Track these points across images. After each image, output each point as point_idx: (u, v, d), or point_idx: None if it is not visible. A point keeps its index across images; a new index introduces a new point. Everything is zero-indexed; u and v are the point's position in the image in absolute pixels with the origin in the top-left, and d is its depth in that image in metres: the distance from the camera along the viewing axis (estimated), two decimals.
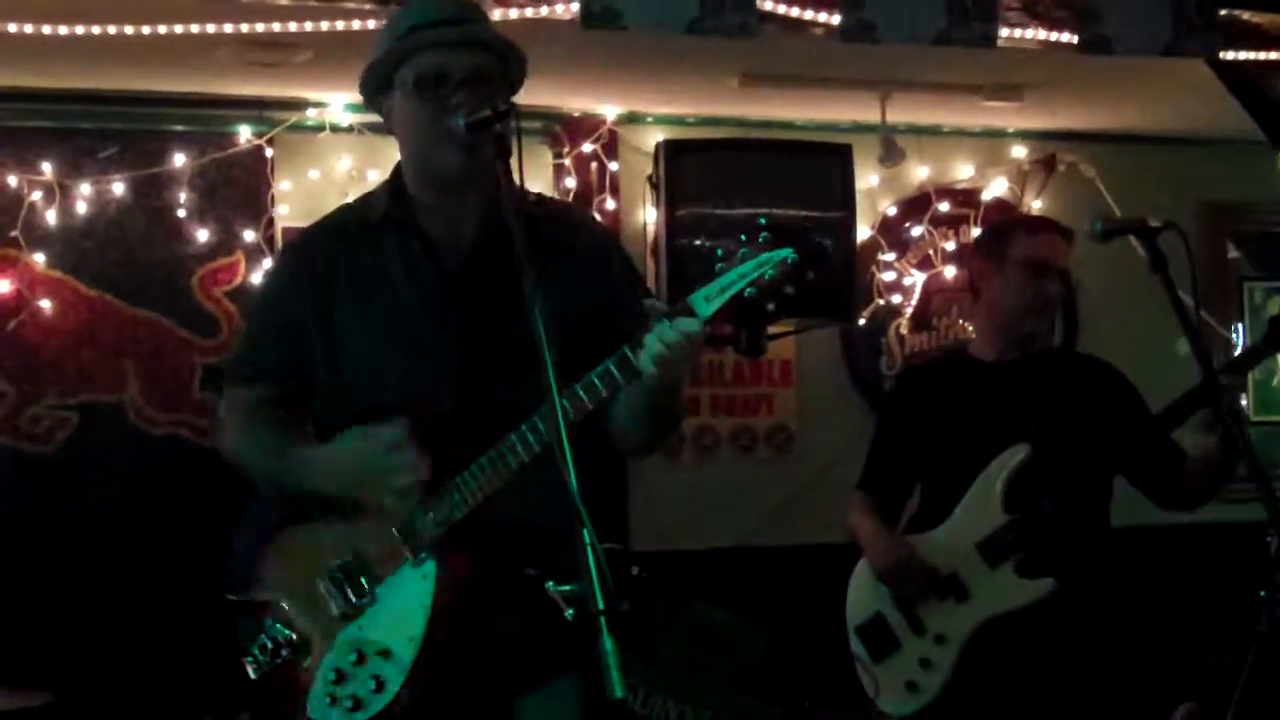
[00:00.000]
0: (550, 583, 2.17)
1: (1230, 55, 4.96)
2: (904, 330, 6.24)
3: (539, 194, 2.60)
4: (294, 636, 2.73)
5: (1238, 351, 3.63)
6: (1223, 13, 4.84)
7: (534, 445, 2.56)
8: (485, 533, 2.64)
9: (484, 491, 2.61)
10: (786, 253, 2.49)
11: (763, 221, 2.54)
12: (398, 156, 2.89)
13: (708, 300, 2.51)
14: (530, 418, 2.55)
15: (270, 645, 2.74)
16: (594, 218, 4.83)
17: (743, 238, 2.51)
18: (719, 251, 2.54)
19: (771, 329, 5.30)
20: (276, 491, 2.85)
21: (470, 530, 2.64)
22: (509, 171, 2.52)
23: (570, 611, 2.14)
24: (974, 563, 3.76)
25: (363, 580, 2.70)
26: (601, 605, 2.08)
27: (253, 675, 2.76)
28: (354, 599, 2.70)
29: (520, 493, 2.59)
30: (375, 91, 2.82)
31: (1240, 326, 6.58)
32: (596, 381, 2.51)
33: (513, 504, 2.60)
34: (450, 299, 2.76)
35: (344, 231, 2.87)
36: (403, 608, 2.66)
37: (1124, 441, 3.68)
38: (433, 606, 2.64)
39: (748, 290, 2.50)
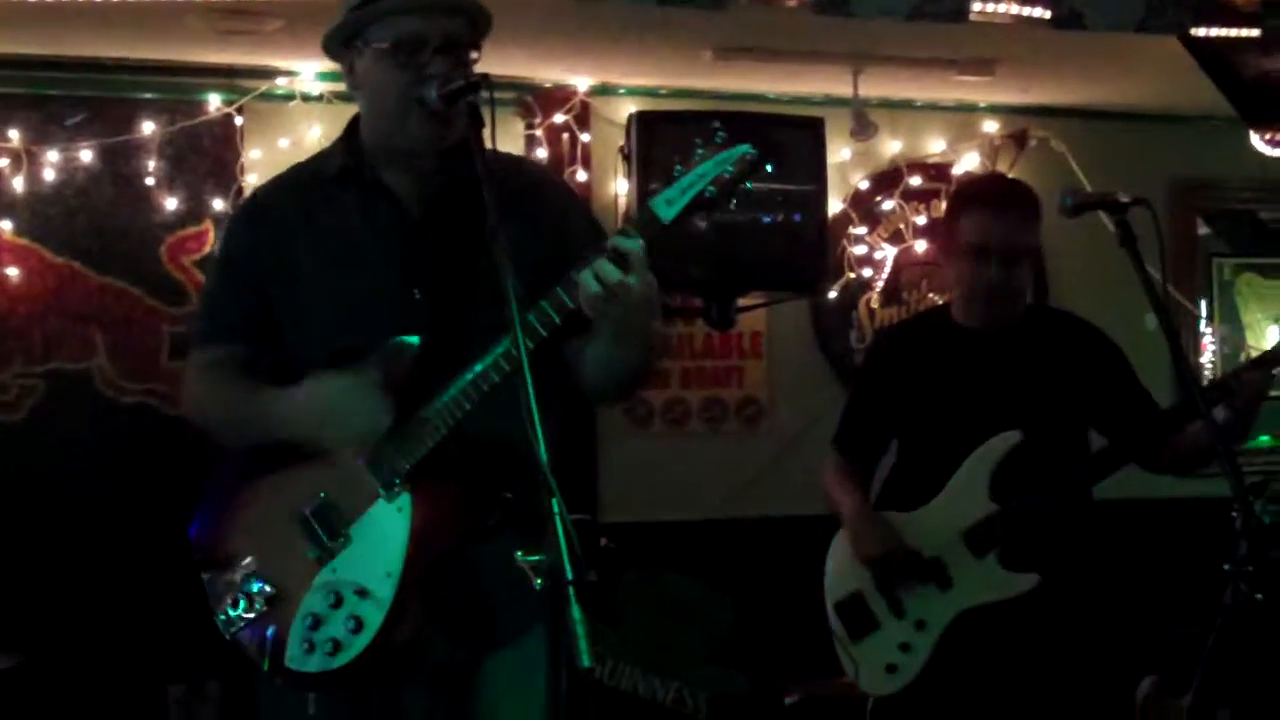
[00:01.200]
0: (519, 553, 2.17)
1: (1202, 32, 4.97)
2: (874, 304, 6.26)
3: (494, 150, 2.60)
4: (268, 588, 2.71)
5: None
6: None
7: (501, 370, 2.55)
8: (457, 458, 2.64)
9: (452, 419, 2.61)
10: (744, 149, 2.51)
11: (716, 124, 2.54)
12: None
13: (669, 204, 2.51)
14: (492, 348, 2.55)
15: (244, 600, 2.71)
16: (553, 172, 4.81)
17: (698, 141, 2.51)
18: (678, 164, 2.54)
19: (742, 301, 5.38)
20: (241, 444, 2.83)
21: (442, 459, 2.64)
22: (481, 141, 2.52)
23: (539, 581, 2.14)
24: (958, 550, 3.74)
25: (335, 521, 2.69)
26: (570, 575, 2.09)
27: (227, 635, 2.73)
28: (327, 541, 2.69)
29: (489, 414, 2.58)
30: (342, 44, 2.78)
31: (1205, 302, 6.63)
32: (546, 306, 2.52)
33: (482, 425, 2.60)
34: (413, 245, 2.75)
35: (300, 187, 2.86)
36: (379, 544, 2.65)
37: (1141, 425, 3.67)
38: (409, 539, 2.63)
39: (708, 190, 2.50)
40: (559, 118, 5.65)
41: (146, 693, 5.19)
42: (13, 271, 5.24)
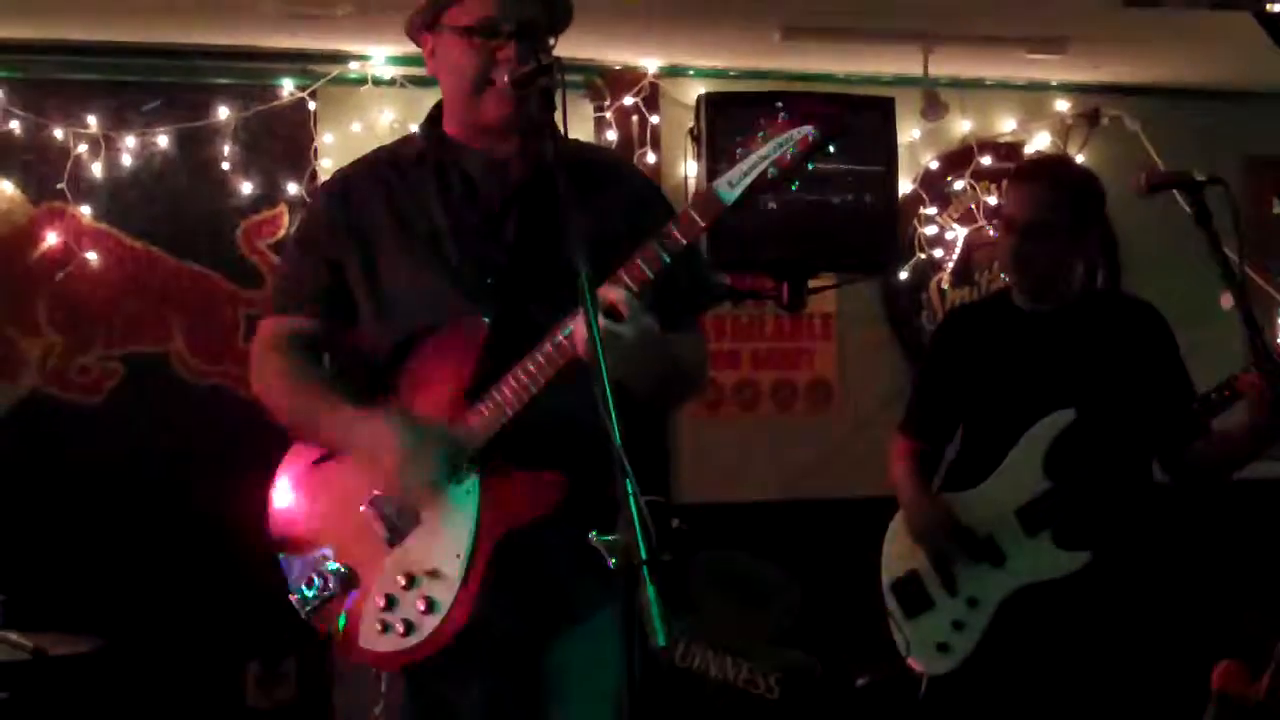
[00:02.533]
0: (594, 533, 2.18)
1: (1278, 8, 4.91)
2: (945, 285, 6.23)
3: (579, 140, 2.61)
4: (342, 569, 2.75)
5: None
6: None
7: (562, 355, 2.58)
8: (526, 438, 2.66)
9: (520, 402, 2.64)
10: (807, 130, 2.50)
11: (779, 104, 2.54)
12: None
13: (731, 186, 2.52)
14: (554, 329, 2.58)
15: (318, 580, 2.75)
16: (633, 164, 4.82)
17: (761, 121, 2.52)
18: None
19: (812, 283, 5.38)
20: (299, 434, 2.88)
21: (510, 441, 2.66)
22: (554, 124, 2.55)
23: (613, 561, 2.16)
24: (1012, 528, 3.75)
25: (405, 503, 2.72)
26: (644, 555, 2.10)
27: (302, 614, 2.77)
28: (398, 523, 2.73)
29: (556, 396, 2.61)
30: (422, 28, 2.82)
31: None
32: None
33: (550, 407, 2.63)
34: (489, 234, 2.78)
35: (381, 170, 2.89)
36: (448, 526, 2.68)
37: (1168, 417, 3.64)
38: (478, 521, 2.66)
39: (770, 171, 2.51)
40: (628, 100, 5.66)
41: (225, 671, 5.27)
42: (92, 256, 5.32)
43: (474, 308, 2.72)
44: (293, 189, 5.47)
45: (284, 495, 2.88)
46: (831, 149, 2.52)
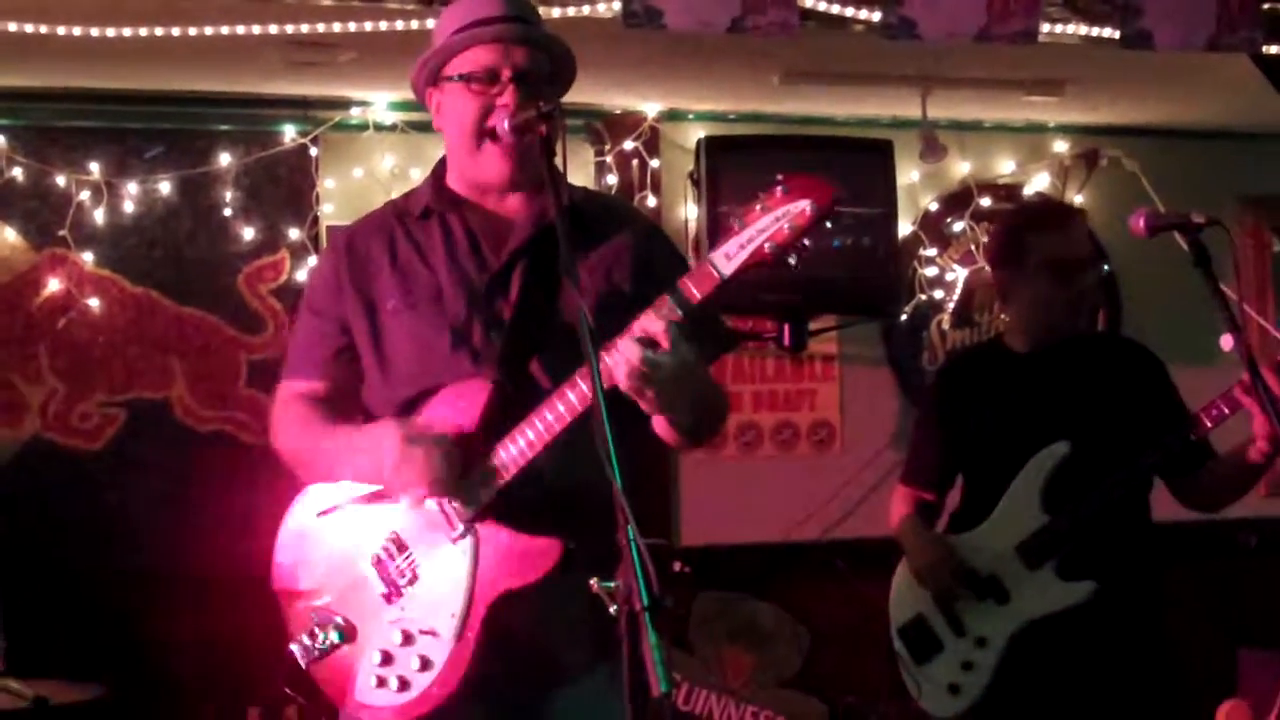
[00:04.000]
0: (595, 579, 2.18)
1: (1274, 50, 4.93)
2: (946, 326, 6.24)
3: (584, 188, 2.62)
4: (341, 622, 2.76)
5: None
6: (1266, 6, 4.81)
7: (567, 414, 2.59)
8: (524, 502, 2.67)
9: (520, 464, 2.65)
10: (804, 205, 2.50)
11: (779, 177, 2.55)
12: (441, 154, 2.92)
13: (728, 259, 2.53)
14: (561, 388, 2.59)
15: (318, 632, 2.77)
16: (639, 210, 4.84)
17: (759, 194, 2.53)
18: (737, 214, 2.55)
19: (813, 325, 5.38)
20: (317, 479, 2.89)
21: (508, 501, 2.67)
22: (555, 171, 2.56)
23: (614, 607, 2.16)
24: (1013, 565, 3.76)
25: (404, 560, 2.73)
26: (646, 601, 2.10)
27: (303, 663, 2.78)
28: (396, 580, 2.73)
29: (557, 462, 2.63)
30: (426, 84, 2.85)
31: None
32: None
33: (550, 471, 2.64)
34: (493, 291, 2.79)
35: (386, 225, 2.91)
36: (444, 585, 2.69)
37: (1161, 443, 3.65)
38: (473, 582, 2.67)
39: (767, 245, 2.52)
40: (628, 144, 5.67)
41: (226, 718, 5.24)
42: (94, 302, 5.33)
43: (477, 367, 2.74)
44: (294, 234, 5.49)
45: (287, 546, 2.89)
46: (829, 224, 2.53)
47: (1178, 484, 3.81)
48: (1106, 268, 5.95)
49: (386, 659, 2.71)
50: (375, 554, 2.75)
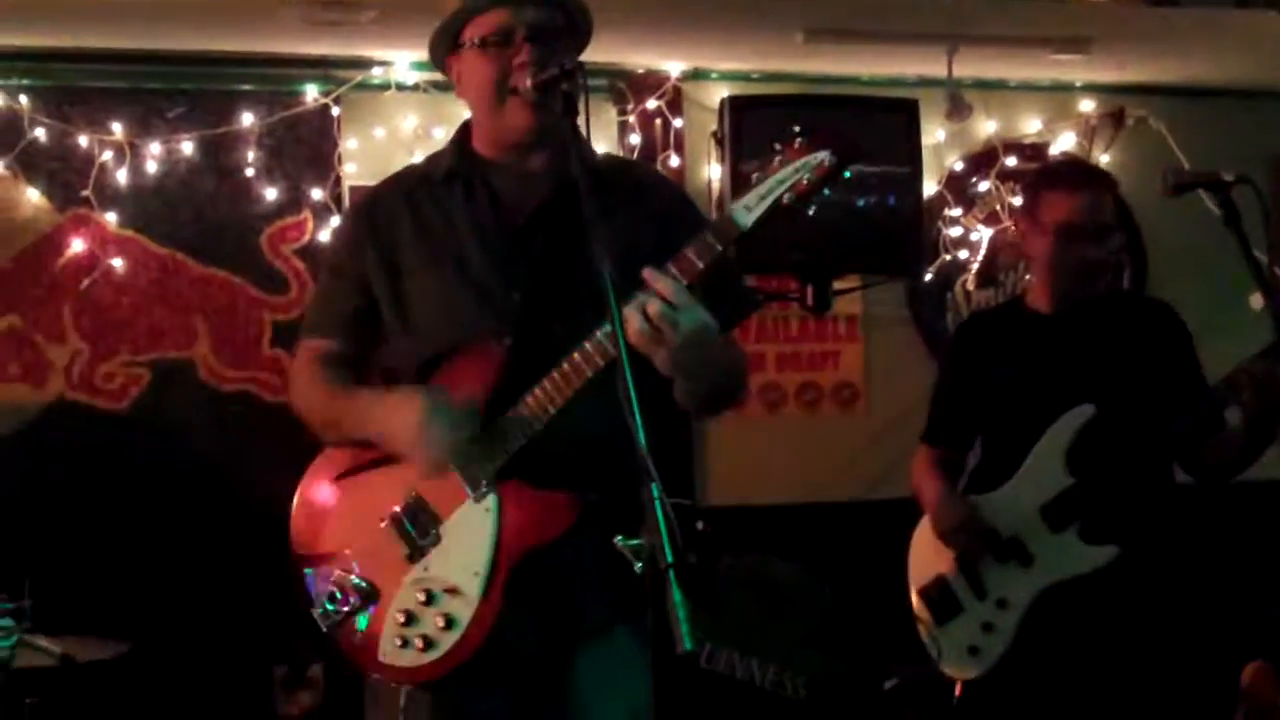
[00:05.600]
0: (619, 537, 2.18)
1: None
2: (970, 286, 6.21)
3: (608, 154, 2.61)
4: (362, 584, 2.76)
5: None
6: None
7: (594, 364, 2.59)
8: (546, 458, 2.67)
9: (542, 419, 2.65)
10: (823, 155, 2.51)
11: (796, 129, 2.54)
12: (463, 113, 2.92)
13: (748, 210, 2.54)
14: (581, 343, 2.59)
15: (339, 595, 2.77)
16: (662, 174, 4.82)
17: (777, 146, 2.52)
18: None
19: (837, 285, 5.37)
20: (335, 440, 2.90)
21: (530, 458, 2.68)
22: (577, 130, 2.55)
23: (639, 565, 2.16)
24: (1037, 527, 3.74)
25: (426, 520, 2.73)
26: (670, 559, 2.10)
27: (324, 627, 2.79)
28: (418, 540, 2.74)
29: (578, 412, 2.63)
30: (445, 53, 2.85)
31: None
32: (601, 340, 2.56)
33: (571, 424, 2.64)
34: (515, 252, 2.78)
35: (409, 187, 2.92)
36: (467, 544, 2.69)
37: (1194, 410, 3.62)
38: (497, 539, 2.67)
39: (787, 196, 2.52)
40: (651, 103, 5.65)
41: (252, 676, 5.27)
42: (117, 263, 5.33)
43: (498, 325, 2.74)
44: (317, 195, 5.48)
45: (306, 510, 2.90)
46: (848, 174, 2.53)
47: (1184, 456, 3.78)
48: (1134, 228, 5.91)
49: (409, 619, 2.71)
50: (396, 514, 2.75)
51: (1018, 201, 6.05)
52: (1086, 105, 6.21)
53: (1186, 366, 3.78)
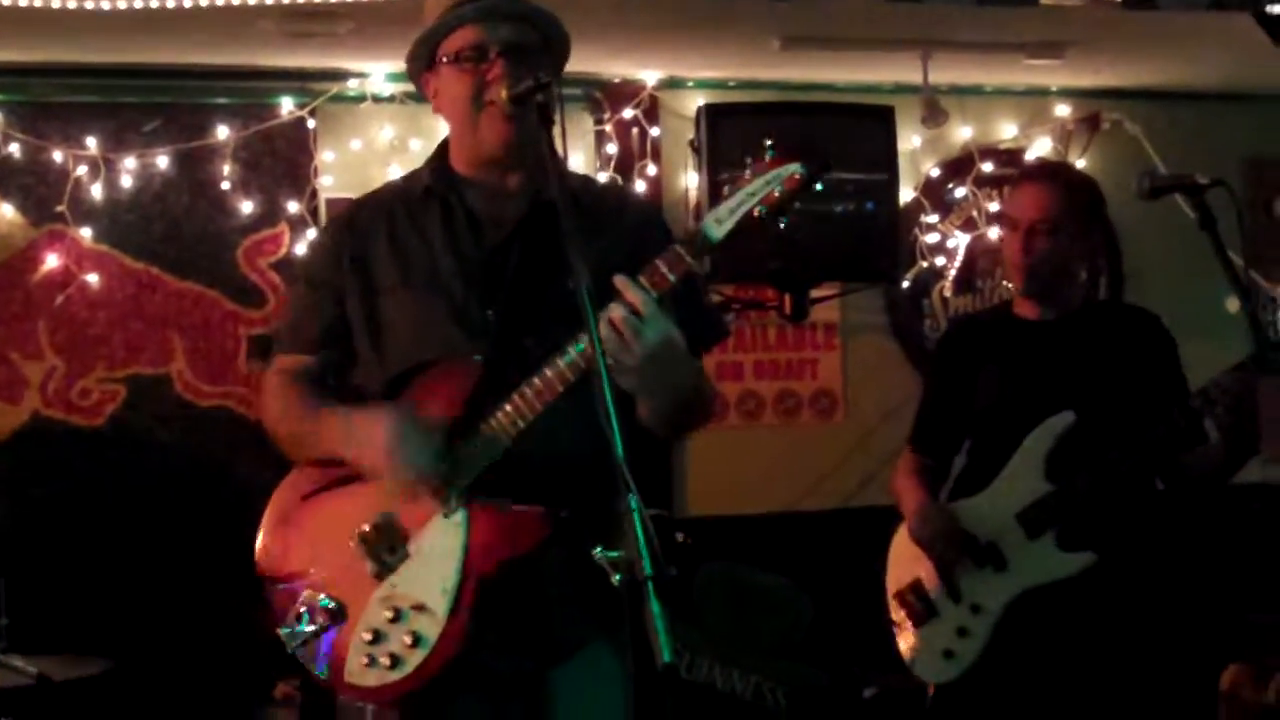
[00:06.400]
0: (599, 549, 2.17)
1: (1277, 9, 4.89)
2: (947, 292, 6.22)
3: (585, 175, 2.62)
4: (330, 604, 2.74)
5: None
6: None
7: (557, 381, 2.58)
8: (516, 473, 2.65)
9: (510, 434, 2.64)
10: (794, 167, 2.51)
11: (768, 141, 2.54)
12: (439, 125, 2.92)
13: (718, 223, 2.54)
14: (551, 357, 2.58)
15: (307, 614, 2.74)
16: (637, 194, 4.82)
17: (748, 159, 2.53)
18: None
19: (814, 292, 5.37)
20: (303, 458, 2.88)
21: (501, 473, 2.66)
22: (553, 142, 2.55)
23: (617, 577, 2.15)
24: (1013, 533, 3.74)
25: (394, 537, 2.71)
26: (650, 570, 2.09)
27: (290, 648, 2.76)
28: (387, 557, 2.71)
29: (548, 429, 2.61)
30: (421, 70, 2.85)
31: None
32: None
33: (542, 439, 2.63)
34: (490, 270, 2.78)
35: (386, 204, 2.91)
36: (436, 560, 2.67)
37: (1168, 417, 3.63)
38: (465, 555, 2.65)
39: (758, 209, 2.52)
40: (628, 112, 5.65)
41: (230, 694, 5.24)
42: (92, 278, 5.31)
43: (472, 342, 2.73)
44: (293, 207, 5.47)
45: (273, 529, 2.88)
46: (820, 186, 2.53)
47: (1163, 466, 3.77)
48: (1109, 232, 5.91)
49: (377, 637, 2.69)
50: (365, 532, 2.72)
51: (994, 207, 6.08)
52: (1062, 110, 6.22)
53: (1171, 377, 3.79)
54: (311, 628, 2.74)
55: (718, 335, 3.00)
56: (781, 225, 2.54)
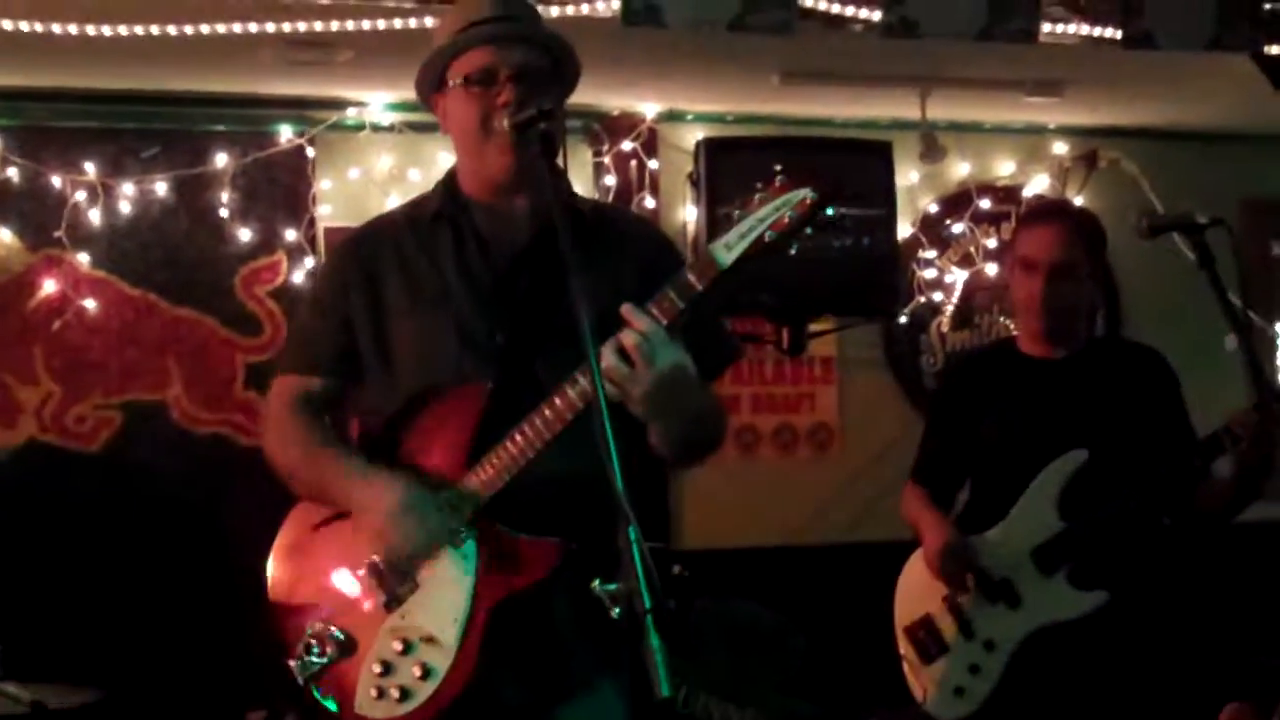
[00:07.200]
0: (596, 581, 2.17)
1: (1275, 50, 4.92)
2: (945, 328, 6.23)
3: (595, 200, 2.60)
4: (340, 635, 2.73)
5: None
6: (1267, 6, 4.79)
7: (566, 412, 2.57)
8: (524, 504, 2.64)
9: (519, 465, 2.62)
10: (804, 192, 2.50)
11: (778, 167, 2.53)
12: (438, 155, 2.93)
13: (728, 248, 2.51)
14: (559, 386, 2.57)
15: (316, 646, 2.73)
16: (647, 220, 4.81)
17: (758, 184, 2.51)
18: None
19: (812, 327, 5.36)
20: (306, 497, 2.87)
21: (509, 504, 2.65)
22: (555, 170, 2.55)
23: (617, 610, 2.14)
24: (1027, 569, 3.73)
25: (404, 568, 2.70)
26: (648, 604, 2.08)
27: (300, 680, 2.74)
28: (396, 589, 2.70)
29: (556, 456, 2.60)
30: (430, 91, 2.85)
31: None
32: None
33: (550, 468, 2.61)
34: (500, 294, 2.77)
35: (395, 228, 2.91)
36: (446, 591, 2.66)
37: (1183, 458, 3.62)
38: (475, 585, 2.64)
39: (768, 234, 2.50)
40: (627, 145, 5.66)
41: None
42: (90, 304, 5.30)
43: (481, 368, 2.72)
44: (291, 235, 5.47)
45: (283, 559, 2.87)
46: (830, 212, 2.52)
47: (1170, 504, 3.78)
48: (1107, 270, 5.92)
49: (386, 669, 2.68)
50: (375, 563, 2.72)
51: (991, 244, 6.09)
52: (1060, 147, 6.24)
53: (1175, 414, 3.79)
54: (322, 659, 2.72)
55: (730, 358, 2.98)
56: (792, 252, 2.52)
